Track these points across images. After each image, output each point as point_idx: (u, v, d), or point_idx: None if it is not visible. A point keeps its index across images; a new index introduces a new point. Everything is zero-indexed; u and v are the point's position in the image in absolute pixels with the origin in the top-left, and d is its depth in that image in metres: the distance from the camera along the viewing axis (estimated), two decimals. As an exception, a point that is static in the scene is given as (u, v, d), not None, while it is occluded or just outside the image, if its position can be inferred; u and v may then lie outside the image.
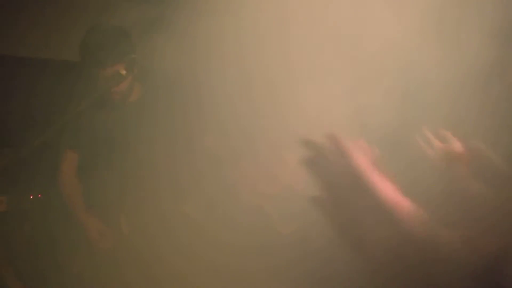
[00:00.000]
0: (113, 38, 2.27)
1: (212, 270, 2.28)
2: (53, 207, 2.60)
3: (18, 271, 2.66)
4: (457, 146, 1.71)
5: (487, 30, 1.77)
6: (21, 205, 2.77)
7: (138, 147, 2.41)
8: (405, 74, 1.94)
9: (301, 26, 2.08)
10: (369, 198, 0.87)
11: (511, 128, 1.71)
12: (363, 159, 0.90)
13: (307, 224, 2.21)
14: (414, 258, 0.90)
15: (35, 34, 2.89)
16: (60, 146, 2.48)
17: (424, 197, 1.90)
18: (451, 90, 1.81)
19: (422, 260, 0.87)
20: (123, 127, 2.42)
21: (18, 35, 2.85)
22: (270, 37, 2.24)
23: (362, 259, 0.89)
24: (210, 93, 2.30)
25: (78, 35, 2.33)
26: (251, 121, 2.31)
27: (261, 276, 2.24)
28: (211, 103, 2.32)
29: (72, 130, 2.43)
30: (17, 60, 2.87)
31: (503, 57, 1.82)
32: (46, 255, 2.52)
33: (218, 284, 2.27)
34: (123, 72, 2.16)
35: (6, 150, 2.68)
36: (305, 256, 2.18)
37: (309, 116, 2.05)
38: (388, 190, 0.89)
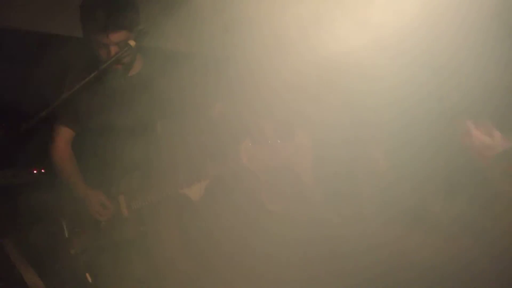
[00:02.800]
0: (122, 5, 2.13)
1: (208, 257, 2.23)
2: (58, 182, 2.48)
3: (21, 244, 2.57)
4: (498, 138, 1.65)
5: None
6: (23, 179, 2.68)
7: (139, 124, 2.31)
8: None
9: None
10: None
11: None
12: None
13: (295, 206, 2.17)
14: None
15: (36, 6, 2.77)
16: (57, 121, 2.38)
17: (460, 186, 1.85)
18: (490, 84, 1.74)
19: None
20: (124, 101, 2.31)
21: (19, 7, 2.72)
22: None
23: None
24: (214, 68, 2.22)
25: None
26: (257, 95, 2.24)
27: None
28: (214, 77, 2.24)
29: (71, 105, 2.31)
30: (19, 33, 2.74)
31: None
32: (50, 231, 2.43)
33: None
34: (132, 43, 2.04)
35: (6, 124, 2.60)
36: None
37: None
38: None
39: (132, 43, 2.13)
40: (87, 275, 2.30)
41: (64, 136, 2.38)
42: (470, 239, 1.79)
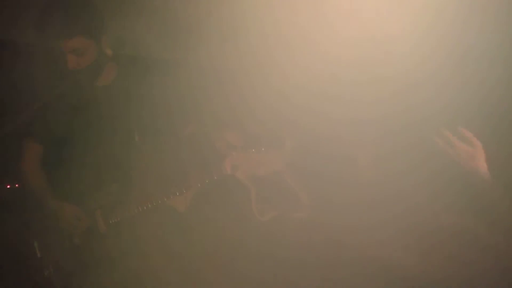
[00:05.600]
0: (77, 9, 2.03)
1: (194, 267, 2.18)
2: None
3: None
4: (476, 145, 1.70)
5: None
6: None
7: (116, 134, 2.21)
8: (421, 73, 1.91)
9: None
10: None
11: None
12: None
13: (285, 215, 2.18)
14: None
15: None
16: (25, 134, 2.24)
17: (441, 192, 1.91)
18: (469, 89, 1.80)
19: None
20: (98, 112, 2.21)
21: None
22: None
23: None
24: (193, 78, 2.18)
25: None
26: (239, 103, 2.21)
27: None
28: (195, 86, 2.19)
29: (39, 118, 2.18)
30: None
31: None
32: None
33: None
34: (109, 52, 1.95)
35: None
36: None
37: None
38: None
39: (108, 52, 2.07)
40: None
41: (32, 151, 2.25)
42: (456, 244, 1.85)
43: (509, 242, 1.66)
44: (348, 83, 2.15)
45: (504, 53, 1.78)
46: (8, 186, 2.29)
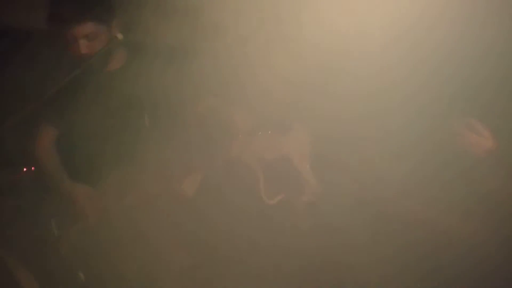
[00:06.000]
0: None
1: (201, 248, 2.23)
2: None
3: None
4: (487, 138, 1.67)
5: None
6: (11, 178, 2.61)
7: (126, 119, 2.27)
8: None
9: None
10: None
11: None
12: None
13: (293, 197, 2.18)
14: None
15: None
16: (40, 119, 2.32)
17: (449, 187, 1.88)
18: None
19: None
20: (108, 97, 2.26)
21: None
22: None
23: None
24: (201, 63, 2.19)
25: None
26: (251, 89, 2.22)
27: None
28: (204, 71, 2.21)
29: (53, 103, 2.25)
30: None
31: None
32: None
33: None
34: (120, 36, 2.00)
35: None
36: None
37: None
38: None
39: (119, 36, 2.10)
40: (80, 274, 2.28)
41: (47, 135, 2.33)
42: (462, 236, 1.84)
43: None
44: (362, 62, 2.12)
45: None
46: (25, 169, 2.39)
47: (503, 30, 1.73)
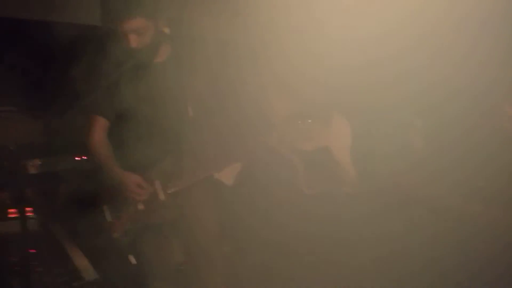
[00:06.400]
0: None
1: (241, 236, 2.27)
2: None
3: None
4: None
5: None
6: (67, 166, 2.79)
7: (171, 109, 2.35)
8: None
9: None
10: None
11: None
12: None
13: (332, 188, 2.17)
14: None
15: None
16: (93, 110, 2.44)
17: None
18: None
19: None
20: (154, 88, 2.35)
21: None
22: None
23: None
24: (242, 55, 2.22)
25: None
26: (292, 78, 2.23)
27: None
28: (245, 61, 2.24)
29: (105, 94, 2.38)
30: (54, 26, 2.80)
31: None
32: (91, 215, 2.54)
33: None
34: (166, 30, 2.09)
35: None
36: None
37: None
38: None
39: (166, 30, 2.19)
40: (130, 257, 2.40)
41: (99, 125, 2.45)
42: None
43: None
44: (406, 52, 2.08)
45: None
46: (78, 158, 2.52)
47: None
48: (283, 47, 2.17)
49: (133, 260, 2.41)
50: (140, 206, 2.41)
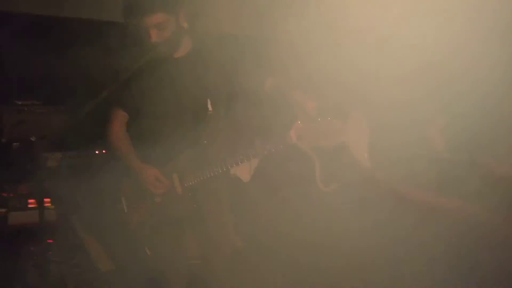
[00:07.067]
0: None
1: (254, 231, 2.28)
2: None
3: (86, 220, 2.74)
4: None
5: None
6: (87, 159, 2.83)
7: (190, 104, 2.38)
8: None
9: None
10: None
11: None
12: None
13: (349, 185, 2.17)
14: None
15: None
16: (113, 104, 2.48)
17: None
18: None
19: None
20: (174, 83, 2.38)
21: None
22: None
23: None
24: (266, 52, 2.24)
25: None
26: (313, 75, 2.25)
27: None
28: (264, 57, 2.26)
29: (125, 89, 2.41)
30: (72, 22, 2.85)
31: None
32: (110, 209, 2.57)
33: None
34: (185, 25, 2.11)
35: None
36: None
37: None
38: None
39: (185, 25, 2.22)
40: (146, 248, 2.43)
41: (119, 119, 2.49)
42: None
43: None
44: (426, 51, 2.08)
45: None
46: (97, 152, 2.55)
47: None
48: (305, 44, 2.18)
49: (148, 252, 2.44)
50: (157, 199, 2.44)
